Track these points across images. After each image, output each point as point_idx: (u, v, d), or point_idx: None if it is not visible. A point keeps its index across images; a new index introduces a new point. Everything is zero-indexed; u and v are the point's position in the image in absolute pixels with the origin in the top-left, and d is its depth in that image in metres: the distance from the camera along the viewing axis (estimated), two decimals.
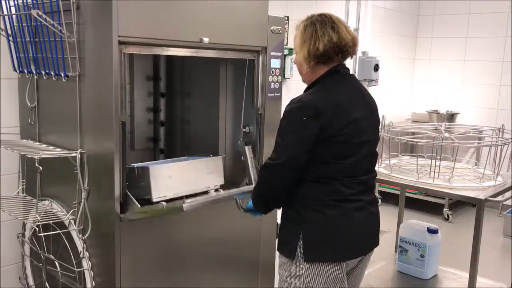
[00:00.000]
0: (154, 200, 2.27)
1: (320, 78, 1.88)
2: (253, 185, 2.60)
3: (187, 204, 1.88)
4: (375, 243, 2.00)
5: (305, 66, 1.88)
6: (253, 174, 2.55)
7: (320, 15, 1.88)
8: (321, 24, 1.84)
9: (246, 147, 2.56)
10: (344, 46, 1.84)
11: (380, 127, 3.03)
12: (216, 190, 2.52)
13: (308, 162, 1.81)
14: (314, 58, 1.84)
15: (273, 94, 2.60)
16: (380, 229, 2.05)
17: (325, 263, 1.83)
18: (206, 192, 2.45)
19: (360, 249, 1.93)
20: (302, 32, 1.87)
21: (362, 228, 1.90)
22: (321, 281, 1.84)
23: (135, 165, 2.28)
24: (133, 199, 2.06)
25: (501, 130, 3.00)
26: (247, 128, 2.63)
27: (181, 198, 2.37)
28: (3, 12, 2.35)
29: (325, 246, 1.83)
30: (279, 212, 2.05)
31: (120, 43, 1.96)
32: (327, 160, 1.81)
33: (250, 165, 2.55)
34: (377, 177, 2.90)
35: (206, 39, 2.24)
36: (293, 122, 1.80)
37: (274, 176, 1.85)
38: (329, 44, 1.81)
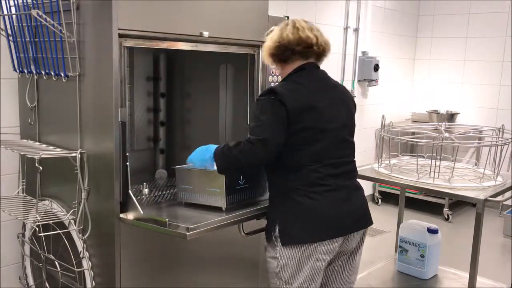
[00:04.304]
0: None
1: (288, 75, 2.06)
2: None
3: (191, 232, 1.90)
4: (358, 225, 2.05)
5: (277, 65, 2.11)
6: None
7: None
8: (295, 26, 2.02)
9: None
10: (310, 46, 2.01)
11: (380, 126, 3.05)
12: None
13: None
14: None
15: None
16: (380, 228, 2.04)
17: (299, 245, 1.94)
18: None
19: (335, 230, 1.98)
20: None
21: (336, 210, 1.97)
22: (294, 262, 1.96)
23: None
24: (134, 199, 2.06)
25: (501, 130, 3.00)
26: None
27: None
28: (3, 12, 2.35)
29: (297, 229, 1.94)
30: None
31: (120, 36, 1.97)
32: (294, 146, 1.93)
33: None
34: (376, 177, 2.95)
35: (206, 33, 2.26)
36: (266, 106, 1.93)
37: (252, 152, 1.92)
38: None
